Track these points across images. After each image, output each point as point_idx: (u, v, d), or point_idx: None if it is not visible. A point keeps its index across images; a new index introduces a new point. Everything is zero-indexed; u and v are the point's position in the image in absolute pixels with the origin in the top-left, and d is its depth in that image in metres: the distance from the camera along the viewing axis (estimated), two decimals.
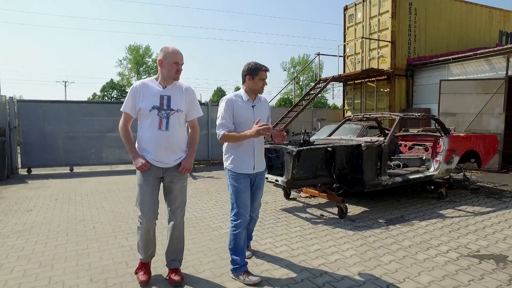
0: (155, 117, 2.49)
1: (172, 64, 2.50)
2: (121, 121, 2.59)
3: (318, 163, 4.57)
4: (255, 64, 2.73)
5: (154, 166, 2.54)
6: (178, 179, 2.62)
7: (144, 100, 2.49)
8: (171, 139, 2.53)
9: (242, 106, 2.75)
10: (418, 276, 2.76)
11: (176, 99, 2.56)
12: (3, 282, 2.71)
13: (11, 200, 5.76)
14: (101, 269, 2.91)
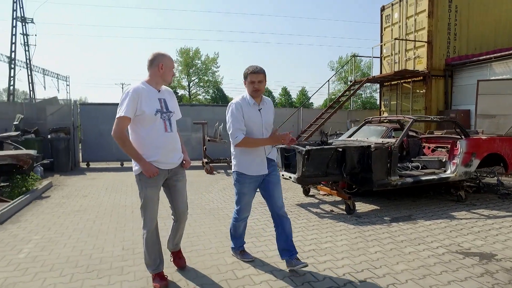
0: (159, 120, 2.53)
1: (171, 70, 2.64)
2: (116, 128, 2.43)
3: (328, 162, 4.95)
4: (247, 68, 2.80)
5: (161, 169, 2.58)
6: (182, 176, 2.77)
7: (147, 104, 2.48)
8: (175, 140, 2.67)
9: (250, 110, 2.81)
10: (395, 265, 3.08)
11: (170, 101, 2.67)
12: (62, 244, 3.57)
13: (72, 187, 6.88)
14: (131, 242, 3.64)
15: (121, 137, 2.44)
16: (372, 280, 2.78)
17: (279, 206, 2.90)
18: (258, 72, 2.76)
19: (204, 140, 9.85)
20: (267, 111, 2.93)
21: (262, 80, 2.78)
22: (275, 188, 2.91)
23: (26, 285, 2.69)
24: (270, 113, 2.97)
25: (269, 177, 2.91)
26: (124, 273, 2.90)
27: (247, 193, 2.90)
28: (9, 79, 22.00)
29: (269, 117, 2.95)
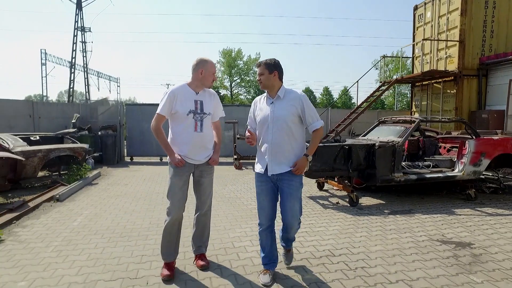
0: (191, 120, 2.75)
1: (211, 75, 2.82)
2: (154, 122, 2.79)
3: (335, 158, 5.41)
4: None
5: (188, 163, 2.81)
6: (207, 173, 2.92)
7: (182, 105, 2.73)
8: (204, 139, 2.83)
9: (263, 105, 2.74)
10: (372, 246, 3.54)
11: (207, 104, 2.84)
12: (104, 218, 4.48)
13: (116, 177, 7.97)
14: (157, 219, 4.45)
15: (156, 130, 2.80)
16: (346, 256, 3.29)
17: (287, 222, 2.71)
18: (258, 65, 2.70)
19: (234, 138, 10.61)
20: (280, 104, 2.65)
21: (262, 72, 2.67)
22: (286, 199, 2.62)
23: (78, 242, 3.57)
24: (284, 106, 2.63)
25: (282, 185, 2.65)
26: (148, 239, 3.68)
27: (260, 192, 2.72)
28: (70, 82, 24.60)
29: (281, 111, 2.62)
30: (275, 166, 2.63)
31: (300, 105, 2.63)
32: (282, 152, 2.62)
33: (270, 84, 2.67)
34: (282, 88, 2.70)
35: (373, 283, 2.73)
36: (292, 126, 2.63)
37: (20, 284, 2.67)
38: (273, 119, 2.62)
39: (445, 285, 2.71)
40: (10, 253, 3.29)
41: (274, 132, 2.61)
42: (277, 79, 2.68)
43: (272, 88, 2.69)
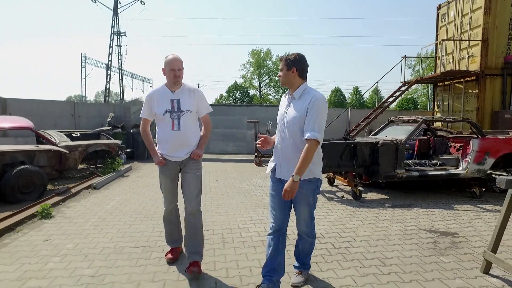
0: (168, 119, 2.77)
1: (169, 71, 2.75)
2: (141, 125, 3.02)
3: (342, 155, 5.82)
4: None
5: (170, 161, 2.87)
6: (191, 169, 2.88)
7: (158, 106, 2.79)
8: (183, 137, 2.82)
9: (283, 102, 2.59)
10: (360, 232, 3.97)
11: (185, 101, 2.81)
12: (133, 203, 5.21)
13: (145, 171, 8.80)
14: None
15: (141, 132, 3.03)
16: (335, 238, 3.75)
17: (299, 228, 2.62)
18: (280, 59, 2.53)
19: (255, 136, 11.20)
20: (296, 105, 2.42)
21: (281, 68, 2.49)
22: (295, 206, 2.51)
23: (110, 220, 4.29)
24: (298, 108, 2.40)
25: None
26: None
27: (271, 194, 2.57)
28: (106, 83, 26.29)
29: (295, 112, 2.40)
30: (284, 171, 2.44)
31: (307, 107, 2.33)
32: (290, 156, 2.40)
33: (288, 82, 2.46)
34: (301, 87, 2.43)
35: (351, 259, 3.18)
36: (298, 130, 2.37)
37: (68, 246, 3.40)
38: (285, 120, 2.46)
39: (414, 263, 3.11)
40: (59, 225, 4.07)
41: (284, 134, 2.45)
42: (297, 76, 2.43)
43: (291, 86, 2.47)
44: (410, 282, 2.74)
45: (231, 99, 52.37)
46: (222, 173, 8.51)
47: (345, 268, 3.00)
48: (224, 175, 8.19)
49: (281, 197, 2.39)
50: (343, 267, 3.02)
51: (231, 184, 7.03)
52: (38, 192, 5.60)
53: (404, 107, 37.06)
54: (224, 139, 13.19)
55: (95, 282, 2.68)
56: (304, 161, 2.26)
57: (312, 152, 2.29)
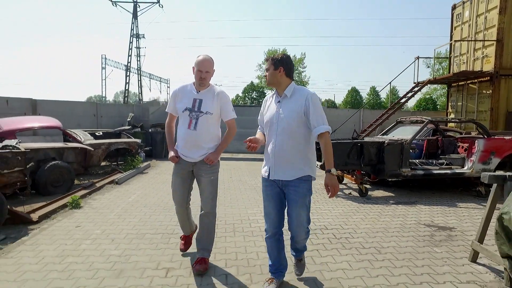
0: (187, 117, 2.79)
1: (197, 72, 2.76)
2: (167, 119, 3.08)
3: (349, 154, 6.08)
4: None
5: (183, 160, 2.86)
6: (206, 173, 2.83)
7: (180, 102, 2.84)
8: (197, 138, 2.78)
9: (270, 103, 2.57)
10: (361, 224, 4.24)
11: (207, 103, 2.79)
12: (152, 196, 5.64)
13: (163, 168, 9.28)
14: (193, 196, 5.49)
15: (166, 126, 3.09)
16: (337, 230, 4.04)
17: (293, 231, 2.53)
18: (266, 60, 2.54)
19: None
20: (288, 104, 2.43)
21: (268, 68, 2.49)
22: (291, 207, 2.44)
23: (132, 211, 4.72)
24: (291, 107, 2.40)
25: (288, 191, 2.44)
26: None
27: (265, 198, 2.55)
28: (125, 84, 27.20)
29: (288, 111, 2.40)
30: (279, 171, 2.41)
31: (305, 105, 2.35)
32: (286, 156, 2.39)
33: (275, 81, 2.46)
34: (290, 86, 2.45)
35: (349, 247, 3.48)
36: (297, 128, 2.38)
37: (96, 231, 3.84)
38: (278, 119, 2.41)
39: (408, 252, 3.38)
40: (87, 214, 4.53)
41: (279, 134, 2.40)
42: (284, 76, 2.44)
43: (279, 86, 2.47)
44: (401, 268, 3.02)
45: (247, 99, 52.78)
46: (236, 170, 8.88)
47: (343, 254, 3.30)
48: (238, 172, 8.56)
49: (277, 200, 2.47)
50: (341, 254, 3.32)
51: (244, 181, 7.39)
52: (67, 186, 6.12)
53: (423, 107, 36.48)
54: (239, 138, 13.43)
55: (121, 260, 3.09)
56: (330, 153, 2.36)
57: (330, 142, 2.39)
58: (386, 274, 2.90)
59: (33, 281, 2.69)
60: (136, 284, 2.66)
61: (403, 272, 2.94)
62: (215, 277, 2.82)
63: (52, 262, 3.03)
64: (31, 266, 2.95)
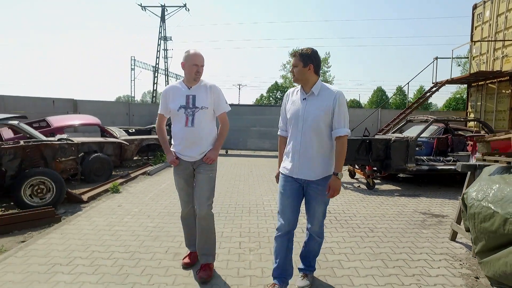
0: (182, 115, 2.69)
1: (192, 66, 2.66)
2: (156, 122, 2.92)
3: (358, 150, 6.59)
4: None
5: (183, 161, 2.76)
6: (204, 170, 2.74)
7: (173, 101, 2.73)
8: (196, 134, 2.70)
9: (295, 100, 2.48)
10: (362, 211, 4.78)
11: (201, 98, 2.71)
12: None
13: None
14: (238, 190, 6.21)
15: (156, 129, 2.95)
16: (338, 214, 4.62)
17: (313, 226, 2.53)
18: (293, 55, 2.43)
19: None
20: (314, 102, 2.37)
21: (296, 64, 2.39)
22: (311, 201, 2.45)
23: (164, 195, 5.50)
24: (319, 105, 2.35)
25: (309, 188, 2.44)
26: None
27: (284, 193, 2.48)
28: (153, 85, 28.59)
29: (315, 110, 2.35)
30: (304, 170, 2.39)
31: (333, 104, 2.31)
32: (312, 155, 2.37)
33: (303, 78, 2.39)
34: (317, 83, 2.39)
35: (346, 227, 4.06)
36: (324, 127, 2.34)
37: (134, 210, 4.63)
38: (304, 117, 2.36)
39: (397, 232, 3.91)
40: (126, 197, 5.37)
41: (304, 132, 2.36)
42: (313, 73, 2.38)
43: (306, 83, 2.40)
44: (387, 242, 3.57)
45: (271, 99, 53.33)
46: (257, 166, 9.55)
47: (339, 232, 3.89)
48: (258, 168, 9.22)
49: (296, 197, 2.45)
50: (338, 231, 3.91)
51: (263, 175, 8.04)
52: (107, 175, 7.02)
53: (452, 107, 35.66)
54: (260, 137, 14.22)
55: (156, 230, 3.84)
56: (343, 157, 2.34)
57: (346, 146, 2.38)
58: (372, 246, 3.46)
59: (92, 240, 3.48)
60: (168, 246, 3.39)
61: (388, 245, 3.49)
62: (230, 243, 3.50)
63: (103, 229, 3.83)
64: (88, 231, 3.76)
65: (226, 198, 5.40)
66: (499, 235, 2.39)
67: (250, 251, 3.32)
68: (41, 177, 4.69)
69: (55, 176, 4.78)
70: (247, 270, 2.92)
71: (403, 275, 2.85)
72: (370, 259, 3.15)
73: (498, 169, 2.90)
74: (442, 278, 2.79)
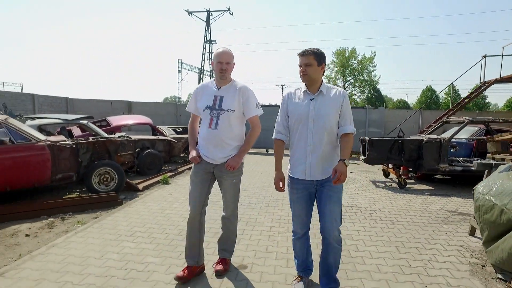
0: (208, 116, 2.64)
1: (216, 64, 2.60)
2: (190, 119, 2.90)
3: (390, 150, 6.81)
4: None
5: (205, 161, 2.70)
6: (228, 176, 2.68)
7: (201, 101, 2.69)
8: (218, 138, 2.62)
9: (300, 100, 2.44)
10: (388, 206, 5.07)
11: (228, 99, 2.63)
12: None
13: None
14: (251, 185, 6.80)
15: (189, 126, 2.90)
16: (364, 208, 4.96)
17: (326, 228, 2.38)
18: (305, 53, 2.34)
19: None
20: (323, 102, 2.37)
21: (310, 63, 2.33)
22: (325, 202, 2.37)
23: None
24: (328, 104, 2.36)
25: (322, 188, 2.40)
26: (244, 191, 6.05)
27: (296, 201, 2.49)
28: None
29: (325, 110, 2.35)
30: (317, 171, 2.37)
31: (341, 103, 2.35)
32: (324, 154, 2.36)
33: (316, 78, 2.36)
34: (324, 83, 2.43)
35: (369, 219, 4.41)
36: (334, 126, 2.37)
37: (182, 198, 5.37)
38: (315, 117, 2.33)
39: (418, 225, 4.18)
40: (174, 188, 6.16)
41: (315, 132, 2.34)
42: (322, 72, 2.40)
43: (315, 82, 2.39)
44: (405, 233, 3.88)
45: None
46: (267, 164, 9.97)
47: (362, 223, 4.26)
48: (268, 166, 9.65)
49: (308, 201, 2.45)
50: (361, 222, 4.29)
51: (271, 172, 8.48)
52: (157, 169, 7.91)
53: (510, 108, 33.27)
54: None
55: None
56: (350, 148, 2.35)
57: (352, 141, 2.42)
58: (390, 236, 3.81)
59: (148, 219, 4.23)
60: (210, 227, 4.01)
61: (405, 236, 3.81)
62: (262, 227, 4.04)
63: (156, 212, 4.58)
64: (144, 212, 4.53)
65: (263, 192, 5.96)
66: (497, 224, 2.67)
67: (278, 233, 3.84)
68: (107, 168, 5.59)
69: (117, 167, 5.67)
70: (274, 247, 3.44)
71: (412, 259, 3.19)
72: (385, 246, 3.52)
73: (507, 167, 3.12)
74: (449, 264, 3.09)
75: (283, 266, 3.04)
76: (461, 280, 2.80)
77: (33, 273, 2.80)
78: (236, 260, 3.13)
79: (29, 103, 12.19)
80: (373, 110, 13.97)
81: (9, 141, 5.08)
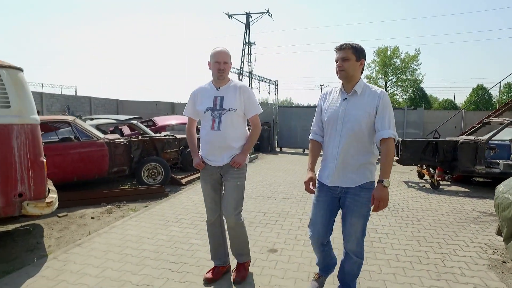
0: (209, 117, 2.58)
1: (214, 64, 2.56)
2: (187, 125, 2.81)
3: (424, 151, 6.84)
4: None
5: (209, 166, 2.65)
6: (232, 177, 2.62)
7: (201, 103, 2.63)
8: (222, 138, 2.57)
9: (333, 99, 2.30)
10: (417, 205, 5.20)
11: (229, 99, 2.59)
12: (257, 177, 7.55)
13: (268, 160, 11.27)
14: (287, 181, 7.18)
15: (186, 132, 2.83)
16: (393, 206, 5.13)
17: (349, 244, 2.29)
18: (342, 47, 2.17)
19: None
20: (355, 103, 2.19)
21: (347, 57, 2.15)
22: (347, 216, 2.24)
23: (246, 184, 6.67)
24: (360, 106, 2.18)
25: (345, 198, 2.24)
26: (277, 186, 6.44)
27: (316, 204, 2.37)
28: None
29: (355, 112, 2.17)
30: (341, 178, 2.21)
31: (376, 104, 2.13)
32: (351, 160, 2.18)
33: (353, 74, 2.18)
34: (360, 82, 2.21)
35: (395, 215, 4.61)
36: (366, 130, 2.16)
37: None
38: (344, 118, 2.17)
39: (444, 224, 4.32)
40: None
41: (343, 135, 2.18)
42: (361, 70, 2.22)
43: (352, 80, 2.20)
44: (429, 230, 4.06)
45: None
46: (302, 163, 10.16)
47: (388, 219, 4.48)
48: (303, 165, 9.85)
49: (328, 209, 2.29)
50: (387, 218, 4.51)
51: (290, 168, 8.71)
52: None
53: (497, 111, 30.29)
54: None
55: None
56: (390, 163, 2.11)
57: (393, 151, 2.16)
58: (414, 231, 4.01)
59: (191, 209, 4.80)
60: (246, 217, 4.42)
61: (429, 232, 3.99)
62: (293, 219, 4.42)
63: (198, 203, 5.13)
64: (187, 203, 5.11)
65: (296, 188, 6.32)
66: None
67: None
68: (155, 163, 6.27)
69: (163, 163, 6.33)
70: (303, 236, 3.82)
71: (432, 252, 3.40)
72: (407, 239, 3.74)
73: None
74: (468, 259, 3.26)
75: (309, 251, 3.39)
76: (477, 273, 2.98)
77: (101, 246, 3.44)
78: (267, 245, 3.55)
79: (86, 105, 13.54)
80: (411, 111, 13.68)
81: (74, 138, 5.92)
